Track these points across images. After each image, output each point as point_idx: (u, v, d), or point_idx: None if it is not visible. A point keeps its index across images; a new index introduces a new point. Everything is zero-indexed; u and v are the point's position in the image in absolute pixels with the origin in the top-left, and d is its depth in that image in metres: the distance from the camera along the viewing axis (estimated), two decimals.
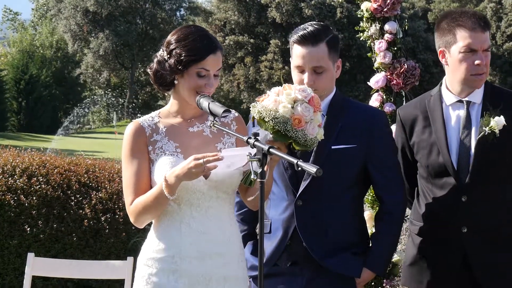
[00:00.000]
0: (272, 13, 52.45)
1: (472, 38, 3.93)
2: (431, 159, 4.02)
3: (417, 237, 4.11)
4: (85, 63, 57.01)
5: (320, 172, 3.01)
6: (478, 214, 3.95)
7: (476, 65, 3.93)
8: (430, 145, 4.03)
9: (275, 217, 4.05)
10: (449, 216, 3.98)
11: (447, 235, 4.01)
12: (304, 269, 4.00)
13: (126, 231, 7.98)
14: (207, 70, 3.54)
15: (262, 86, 51.90)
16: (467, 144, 3.97)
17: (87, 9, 55.86)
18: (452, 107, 4.05)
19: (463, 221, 3.96)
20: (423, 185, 4.11)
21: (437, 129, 4.02)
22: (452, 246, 3.99)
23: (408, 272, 4.16)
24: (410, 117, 4.14)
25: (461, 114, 4.01)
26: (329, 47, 3.99)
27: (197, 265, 3.50)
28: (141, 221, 3.57)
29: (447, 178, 3.99)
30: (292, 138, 3.46)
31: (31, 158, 8.13)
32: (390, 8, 4.77)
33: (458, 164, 3.97)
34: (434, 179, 4.04)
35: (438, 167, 4.00)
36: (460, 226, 3.97)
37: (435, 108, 4.06)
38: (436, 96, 4.09)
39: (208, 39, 3.57)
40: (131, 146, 3.58)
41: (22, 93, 50.37)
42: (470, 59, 3.94)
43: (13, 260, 7.64)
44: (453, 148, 3.99)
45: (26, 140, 37.45)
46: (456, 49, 3.97)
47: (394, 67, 4.80)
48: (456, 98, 4.03)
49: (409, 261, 4.14)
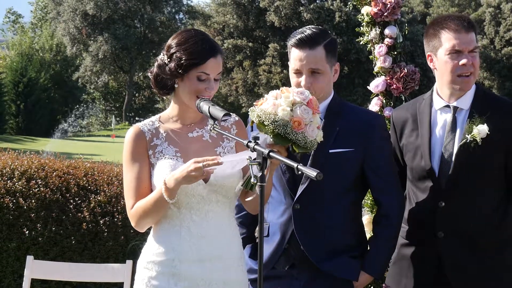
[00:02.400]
0: (270, 17, 52.49)
1: (456, 39, 3.95)
2: (415, 162, 4.06)
3: (400, 238, 4.14)
4: (84, 66, 57.00)
5: (320, 176, 3.01)
6: (455, 220, 3.97)
7: (462, 65, 3.95)
8: (415, 148, 4.07)
9: (273, 221, 4.06)
10: (428, 219, 4.02)
11: (424, 238, 4.05)
12: (302, 272, 4.00)
13: (125, 234, 7.97)
14: (207, 74, 3.54)
15: (261, 90, 51.92)
16: (449, 150, 3.99)
17: (86, 13, 55.87)
18: (440, 112, 4.07)
19: (440, 226, 3.99)
20: (409, 187, 4.16)
21: (422, 133, 4.05)
22: (429, 250, 4.03)
23: (390, 271, 4.23)
24: (401, 119, 4.18)
25: (448, 119, 4.03)
26: (327, 50, 4.01)
27: (196, 268, 3.51)
28: (141, 225, 3.57)
29: (428, 182, 4.02)
30: (292, 140, 3.47)
31: (30, 161, 8.12)
32: (391, 12, 4.77)
33: (439, 169, 3.99)
34: (418, 182, 4.08)
35: (421, 170, 4.04)
36: (437, 231, 4.00)
37: (424, 112, 4.09)
38: (427, 100, 4.12)
39: (209, 43, 3.57)
40: (132, 151, 3.59)
41: (20, 96, 50.32)
42: (456, 60, 3.96)
43: (12, 263, 7.63)
44: (436, 153, 4.01)
45: (24, 143, 37.43)
46: (442, 51, 4.00)
47: (394, 71, 4.80)
48: (444, 103, 4.06)
49: (392, 261, 4.20)
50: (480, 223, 3.98)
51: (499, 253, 4.01)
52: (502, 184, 4.02)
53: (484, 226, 3.98)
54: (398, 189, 4.10)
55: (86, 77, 57.42)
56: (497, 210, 4.00)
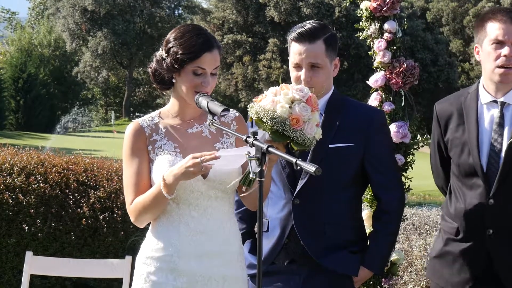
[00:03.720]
0: (270, 12, 52.43)
1: (500, 29, 3.87)
2: (462, 159, 3.96)
3: (446, 233, 4.06)
4: (83, 61, 56.98)
5: (319, 171, 3.00)
6: (504, 218, 3.89)
7: (503, 56, 3.87)
8: (462, 144, 3.97)
9: (272, 216, 4.05)
10: (476, 217, 3.92)
11: (472, 235, 3.95)
12: (301, 268, 4.00)
13: (124, 230, 7.97)
14: (203, 69, 3.53)
15: (260, 85, 51.89)
16: (497, 147, 3.89)
17: (85, 8, 55.84)
18: (486, 107, 3.97)
19: (489, 223, 3.90)
20: (455, 183, 4.05)
21: (470, 128, 3.95)
22: (476, 247, 3.94)
23: (431, 265, 4.14)
24: (445, 113, 4.08)
25: (495, 115, 3.93)
26: (327, 44, 4.00)
27: (195, 264, 3.50)
28: (141, 221, 3.57)
29: (476, 179, 3.92)
30: (290, 138, 3.45)
31: (29, 156, 8.12)
32: (390, 7, 4.75)
33: (488, 167, 3.89)
34: (464, 178, 3.98)
35: (468, 167, 3.94)
36: (486, 228, 3.91)
37: (470, 106, 3.98)
38: (473, 94, 4.02)
39: (204, 37, 3.55)
40: (131, 146, 3.58)
41: (20, 92, 50.32)
42: (498, 51, 3.88)
43: (11, 258, 7.64)
44: (484, 150, 3.92)
45: (24, 138, 37.43)
46: (487, 42, 3.92)
47: (394, 66, 4.79)
48: (491, 97, 3.95)
49: (434, 254, 4.11)
50: None
51: None
52: None
53: None
54: (398, 184, 4.09)
55: (85, 73, 57.40)
56: None
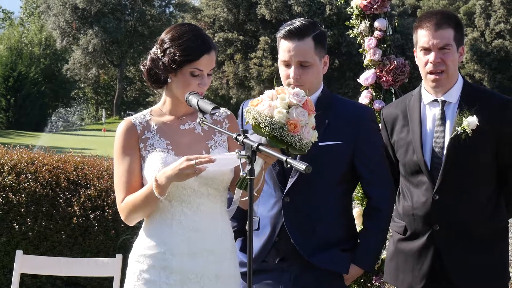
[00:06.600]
0: (261, 10, 52.44)
1: (426, 37, 4.01)
2: (408, 158, 4.08)
3: (395, 233, 4.17)
4: (73, 59, 56.83)
5: (309, 169, 3.00)
6: (449, 213, 4.00)
7: (430, 62, 4.00)
8: (407, 144, 4.09)
9: (263, 214, 4.06)
10: (423, 213, 4.03)
11: (420, 232, 4.06)
12: (292, 265, 4.00)
13: (115, 229, 7.96)
14: (201, 70, 3.53)
15: (252, 83, 51.92)
16: (440, 143, 4.01)
17: (76, 6, 55.70)
18: (429, 106, 4.10)
19: (435, 219, 4.01)
20: (402, 183, 4.17)
21: (413, 128, 4.08)
22: (425, 243, 4.04)
23: (387, 267, 4.24)
24: (391, 117, 4.20)
25: (437, 113, 4.06)
26: (316, 42, 4.00)
27: (188, 262, 3.50)
28: (131, 219, 3.56)
29: (421, 176, 4.04)
30: (287, 143, 3.43)
31: (20, 155, 8.09)
32: (380, 5, 4.76)
33: (431, 163, 4.01)
34: (411, 177, 4.09)
35: (413, 165, 4.06)
36: (432, 224, 4.02)
37: (413, 107, 4.12)
38: (416, 95, 4.14)
39: (203, 39, 3.55)
40: (123, 144, 3.57)
41: (10, 91, 50.18)
42: (426, 57, 4.02)
43: (2, 257, 7.62)
44: (427, 147, 4.03)
45: (14, 137, 37.32)
46: (418, 49, 4.07)
47: (384, 64, 4.80)
48: (432, 97, 4.08)
49: (389, 257, 4.22)
50: (476, 215, 4.00)
51: (493, 243, 4.04)
52: (494, 175, 4.05)
53: (479, 216, 4.00)
54: (388, 181, 4.10)
55: (75, 70, 57.25)
56: (491, 201, 4.03)
